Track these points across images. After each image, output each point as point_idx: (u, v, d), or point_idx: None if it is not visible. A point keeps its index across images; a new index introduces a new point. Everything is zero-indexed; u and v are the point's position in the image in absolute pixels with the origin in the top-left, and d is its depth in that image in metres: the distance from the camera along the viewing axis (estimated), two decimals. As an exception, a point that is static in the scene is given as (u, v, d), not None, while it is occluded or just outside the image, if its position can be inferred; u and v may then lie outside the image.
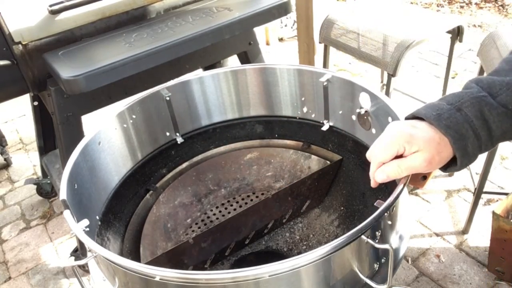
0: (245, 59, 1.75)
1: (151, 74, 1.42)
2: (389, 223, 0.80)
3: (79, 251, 0.85)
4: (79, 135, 1.47)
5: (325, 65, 2.05)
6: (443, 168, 0.71)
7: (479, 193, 1.67)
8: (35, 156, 2.46)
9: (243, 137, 1.27)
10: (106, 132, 1.04)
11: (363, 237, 0.70)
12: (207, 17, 1.47)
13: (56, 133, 1.51)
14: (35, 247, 1.99)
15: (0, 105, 1.52)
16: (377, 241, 0.73)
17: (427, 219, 1.87)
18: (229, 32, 1.43)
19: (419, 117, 0.70)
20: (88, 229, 0.82)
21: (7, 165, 2.48)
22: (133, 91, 1.50)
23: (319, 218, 1.20)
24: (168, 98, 1.13)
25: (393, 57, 1.68)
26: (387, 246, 0.70)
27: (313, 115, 1.17)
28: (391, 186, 0.78)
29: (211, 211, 1.24)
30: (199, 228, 1.20)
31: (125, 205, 1.12)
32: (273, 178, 1.26)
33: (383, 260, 0.80)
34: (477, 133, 0.67)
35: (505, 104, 0.67)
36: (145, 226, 1.11)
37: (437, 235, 1.80)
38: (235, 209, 1.23)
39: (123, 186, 1.10)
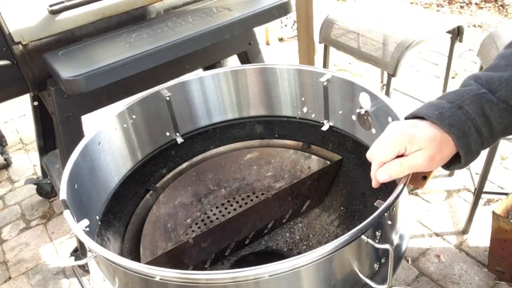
0: (245, 59, 1.75)
1: (151, 74, 1.42)
2: (389, 223, 0.80)
3: (79, 251, 0.85)
4: (79, 135, 1.47)
5: (325, 65, 2.05)
6: (446, 166, 0.71)
7: (479, 193, 1.67)
8: (35, 156, 2.46)
9: (243, 137, 1.27)
10: (106, 132, 1.04)
11: (363, 237, 0.70)
12: (207, 17, 1.47)
13: (56, 133, 1.51)
14: (35, 247, 1.99)
15: (0, 105, 1.52)
16: (377, 241, 0.74)
17: (427, 219, 1.87)
18: (229, 32, 1.43)
19: (420, 117, 0.70)
20: (88, 229, 0.82)
21: (7, 165, 2.48)
22: (133, 91, 1.50)
23: (319, 218, 1.20)
24: (168, 98, 1.13)
25: (393, 57, 1.68)
26: (387, 246, 0.70)
27: (313, 115, 1.17)
28: (391, 186, 0.78)
29: (211, 211, 1.24)
30: (199, 228, 1.20)
31: (125, 205, 1.12)
32: (273, 178, 1.26)
33: (383, 260, 0.80)
34: (479, 130, 0.67)
35: (505, 99, 0.67)
36: (145, 226, 1.11)
37: (437, 235, 1.80)
38: (235, 209, 1.23)
39: (123, 186, 1.10)
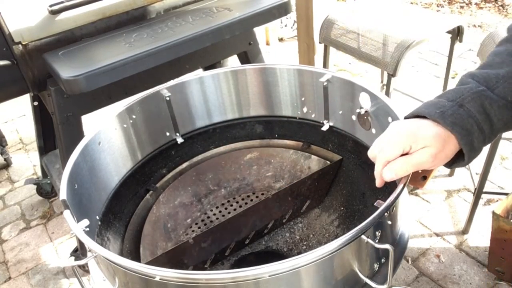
0: (245, 59, 1.75)
1: (151, 74, 1.42)
2: (389, 223, 0.79)
3: (79, 251, 0.85)
4: (79, 135, 1.47)
5: (325, 65, 2.05)
6: (448, 164, 0.71)
7: (479, 193, 1.67)
8: (35, 156, 2.46)
9: (243, 137, 1.27)
10: (106, 132, 1.04)
11: (363, 237, 0.70)
12: (207, 17, 1.47)
13: (56, 133, 1.51)
14: (35, 247, 1.99)
15: (0, 105, 1.52)
16: (377, 241, 0.73)
17: (427, 219, 1.87)
18: (229, 32, 1.43)
19: (420, 116, 0.70)
20: (88, 229, 0.82)
21: (7, 165, 2.48)
22: (133, 91, 1.50)
23: (319, 218, 1.20)
24: (168, 98, 1.13)
25: (393, 57, 1.67)
26: (387, 246, 0.70)
27: (313, 115, 1.17)
28: (391, 186, 0.78)
29: (211, 211, 1.24)
30: (199, 228, 1.20)
31: (125, 205, 1.12)
32: (273, 178, 1.26)
33: (383, 260, 0.80)
34: (480, 127, 0.67)
35: (503, 96, 0.68)
36: (145, 226, 1.11)
37: (437, 235, 1.80)
38: (235, 209, 1.23)
39: (123, 186, 1.10)
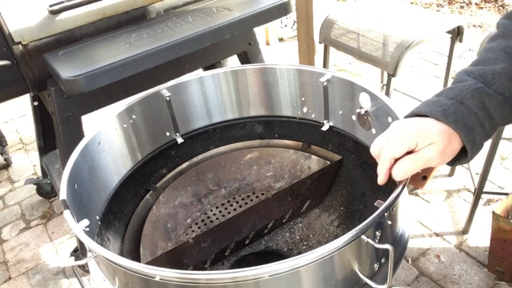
0: (245, 59, 1.75)
1: (151, 74, 1.42)
2: (389, 223, 0.79)
3: (79, 251, 0.85)
4: (79, 135, 1.47)
5: (325, 65, 2.05)
6: (451, 162, 0.71)
7: (479, 193, 1.67)
8: (35, 156, 2.46)
9: (243, 137, 1.27)
10: (106, 132, 1.04)
11: (363, 237, 0.70)
12: (207, 17, 1.47)
13: (56, 133, 1.51)
14: (35, 247, 1.99)
15: (0, 105, 1.52)
16: (377, 241, 0.73)
17: (427, 219, 1.87)
18: (229, 32, 1.43)
19: (421, 115, 0.70)
20: (88, 229, 0.82)
21: (7, 165, 2.48)
22: (133, 91, 1.50)
23: (319, 218, 1.20)
24: (168, 98, 1.13)
25: (393, 57, 1.67)
26: (387, 246, 0.70)
27: (313, 115, 1.17)
28: (391, 186, 0.78)
29: (211, 211, 1.24)
30: (199, 228, 1.20)
31: (125, 205, 1.12)
32: (273, 178, 1.26)
33: (383, 260, 0.80)
34: (482, 124, 0.68)
35: (501, 92, 0.68)
36: (145, 226, 1.11)
37: (437, 235, 1.80)
38: (235, 209, 1.23)
39: (123, 186, 1.10)
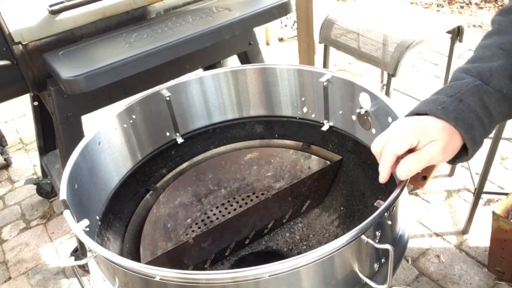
0: (245, 59, 1.75)
1: (151, 74, 1.42)
2: (389, 223, 0.79)
3: (79, 251, 0.85)
4: (79, 135, 1.47)
5: (325, 65, 2.05)
6: (451, 160, 0.71)
7: (479, 193, 1.67)
8: (35, 156, 2.46)
9: (243, 137, 1.27)
10: (106, 132, 1.04)
11: (363, 237, 0.70)
12: (207, 17, 1.47)
13: (56, 133, 1.51)
14: (35, 247, 1.99)
15: (0, 105, 1.52)
16: (377, 241, 0.73)
17: (427, 219, 1.87)
18: (229, 32, 1.43)
19: (421, 114, 0.70)
20: (88, 229, 0.82)
21: (7, 165, 2.48)
22: (133, 91, 1.50)
23: (319, 218, 1.20)
24: (168, 98, 1.13)
25: (393, 57, 1.67)
26: (387, 246, 0.70)
27: (313, 115, 1.17)
28: (391, 186, 0.78)
29: (211, 211, 1.24)
30: (199, 228, 1.20)
31: (125, 205, 1.12)
32: (273, 178, 1.26)
33: (383, 260, 0.80)
34: (481, 121, 0.68)
35: (499, 89, 0.69)
36: (145, 226, 1.11)
37: (437, 235, 1.80)
38: (235, 209, 1.23)
39: (123, 186, 1.10)
